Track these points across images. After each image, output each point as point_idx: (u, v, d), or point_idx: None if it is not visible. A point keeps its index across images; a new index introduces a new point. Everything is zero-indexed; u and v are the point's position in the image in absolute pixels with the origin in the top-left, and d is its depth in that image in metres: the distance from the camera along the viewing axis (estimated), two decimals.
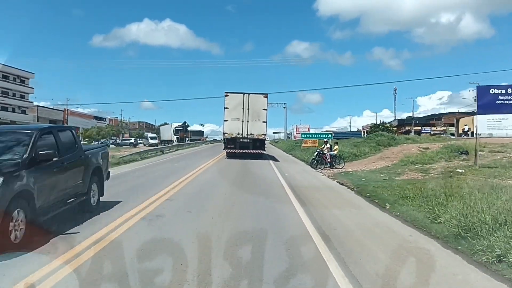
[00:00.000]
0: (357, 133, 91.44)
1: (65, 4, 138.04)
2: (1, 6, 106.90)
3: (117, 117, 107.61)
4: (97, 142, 47.39)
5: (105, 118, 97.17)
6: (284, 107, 61.78)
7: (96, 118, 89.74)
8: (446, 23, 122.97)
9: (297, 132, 63.91)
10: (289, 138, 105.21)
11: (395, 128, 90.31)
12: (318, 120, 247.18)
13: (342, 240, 5.67)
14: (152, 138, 60.15)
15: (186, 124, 54.08)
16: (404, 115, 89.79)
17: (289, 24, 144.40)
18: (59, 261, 4.38)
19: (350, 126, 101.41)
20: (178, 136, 56.29)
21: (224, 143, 24.78)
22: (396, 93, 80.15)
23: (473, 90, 32.88)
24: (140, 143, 61.01)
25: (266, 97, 23.75)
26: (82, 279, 3.94)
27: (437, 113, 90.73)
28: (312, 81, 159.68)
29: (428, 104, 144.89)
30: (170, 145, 38.11)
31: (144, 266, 4.32)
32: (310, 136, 30.68)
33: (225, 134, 23.62)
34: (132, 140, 54.47)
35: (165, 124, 78.67)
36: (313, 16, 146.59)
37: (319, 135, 30.37)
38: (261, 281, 3.93)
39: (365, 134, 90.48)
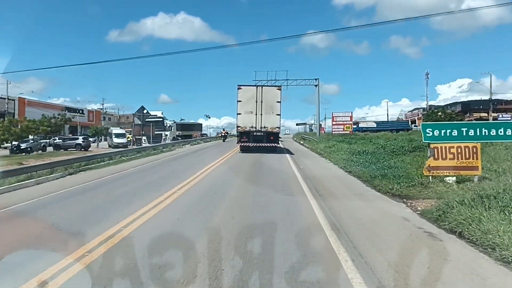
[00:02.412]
0: (404, 123, 70.57)
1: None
2: (15, 3, 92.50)
3: (101, 109, 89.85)
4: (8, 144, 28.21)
5: (82, 110, 78.51)
6: (316, 85, 39.22)
7: (69, 109, 70.80)
8: (465, 8, 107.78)
9: (333, 122, 41.84)
10: (311, 130, 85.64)
11: (454, 115, 70.07)
12: (335, 111, 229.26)
13: None
14: (118, 135, 39.05)
15: (145, 111, 31.49)
16: (423, 104, 73.26)
17: (304, 14, 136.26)
18: None
19: (388, 115, 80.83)
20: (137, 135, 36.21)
21: (237, 137, 25.08)
22: (428, 77, 68.51)
23: None
24: (102, 141, 41.54)
25: (280, 89, 23.99)
26: None
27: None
28: (328, 71, 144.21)
29: (448, 92, 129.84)
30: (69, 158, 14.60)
31: None
32: (461, 134, 10.06)
33: (239, 128, 23.60)
34: (80, 140, 33.93)
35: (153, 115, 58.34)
36: (328, 5, 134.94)
37: (486, 129, 10.12)
38: None
39: (413, 124, 69.93)
